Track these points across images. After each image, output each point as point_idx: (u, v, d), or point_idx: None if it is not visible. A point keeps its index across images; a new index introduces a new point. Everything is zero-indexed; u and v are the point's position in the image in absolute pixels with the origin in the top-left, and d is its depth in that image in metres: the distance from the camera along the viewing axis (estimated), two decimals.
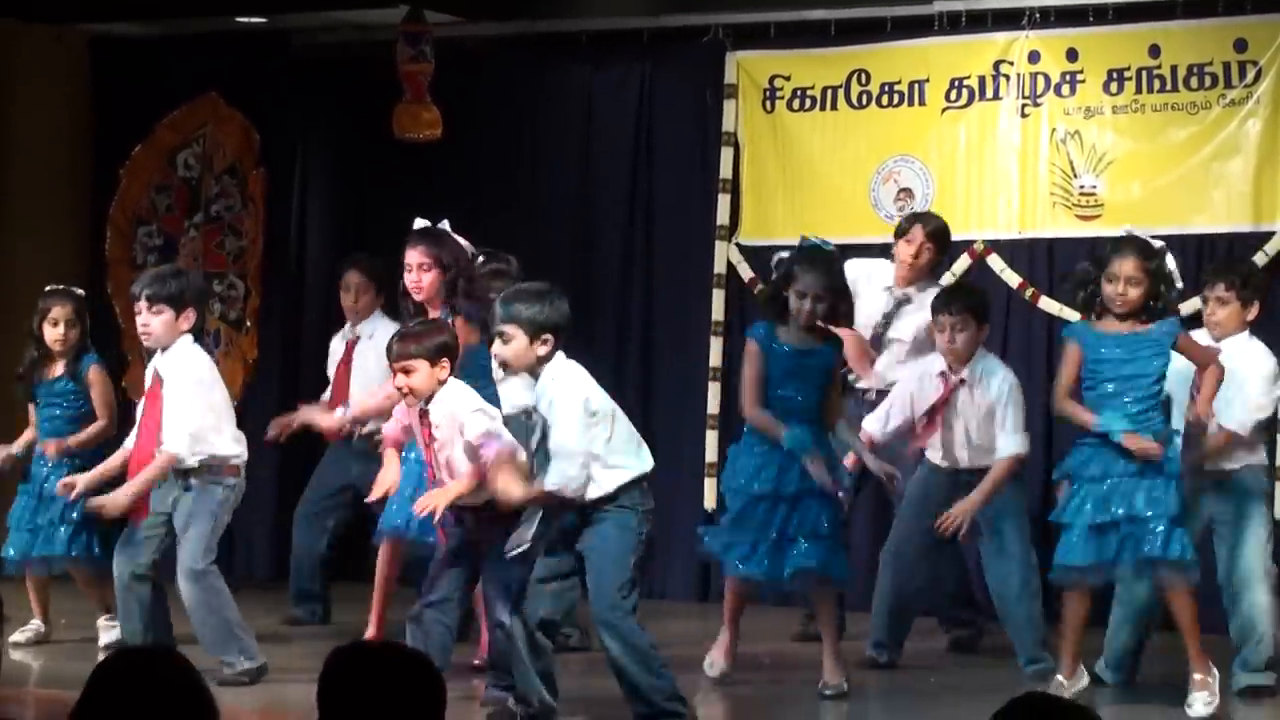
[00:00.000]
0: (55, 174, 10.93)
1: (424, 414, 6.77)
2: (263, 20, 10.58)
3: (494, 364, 6.97)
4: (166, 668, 3.22)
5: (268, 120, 10.74)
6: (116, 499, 7.21)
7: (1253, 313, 7.49)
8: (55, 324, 8.32)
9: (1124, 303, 6.98)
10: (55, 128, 10.92)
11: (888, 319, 8.41)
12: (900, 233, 8.54)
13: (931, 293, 8.28)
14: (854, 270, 8.18)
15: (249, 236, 10.75)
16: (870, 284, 8.39)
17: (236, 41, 10.73)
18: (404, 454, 7.37)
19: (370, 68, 10.13)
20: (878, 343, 8.37)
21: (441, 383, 6.74)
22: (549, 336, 6.41)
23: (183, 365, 7.25)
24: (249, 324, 10.74)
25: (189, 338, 7.31)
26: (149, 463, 7.20)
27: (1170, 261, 7.14)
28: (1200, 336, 7.39)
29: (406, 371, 6.73)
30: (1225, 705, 7.08)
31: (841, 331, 7.52)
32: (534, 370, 6.46)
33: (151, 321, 7.25)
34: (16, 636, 8.20)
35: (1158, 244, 7.16)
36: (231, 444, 7.30)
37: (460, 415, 6.67)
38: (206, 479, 7.22)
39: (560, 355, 6.46)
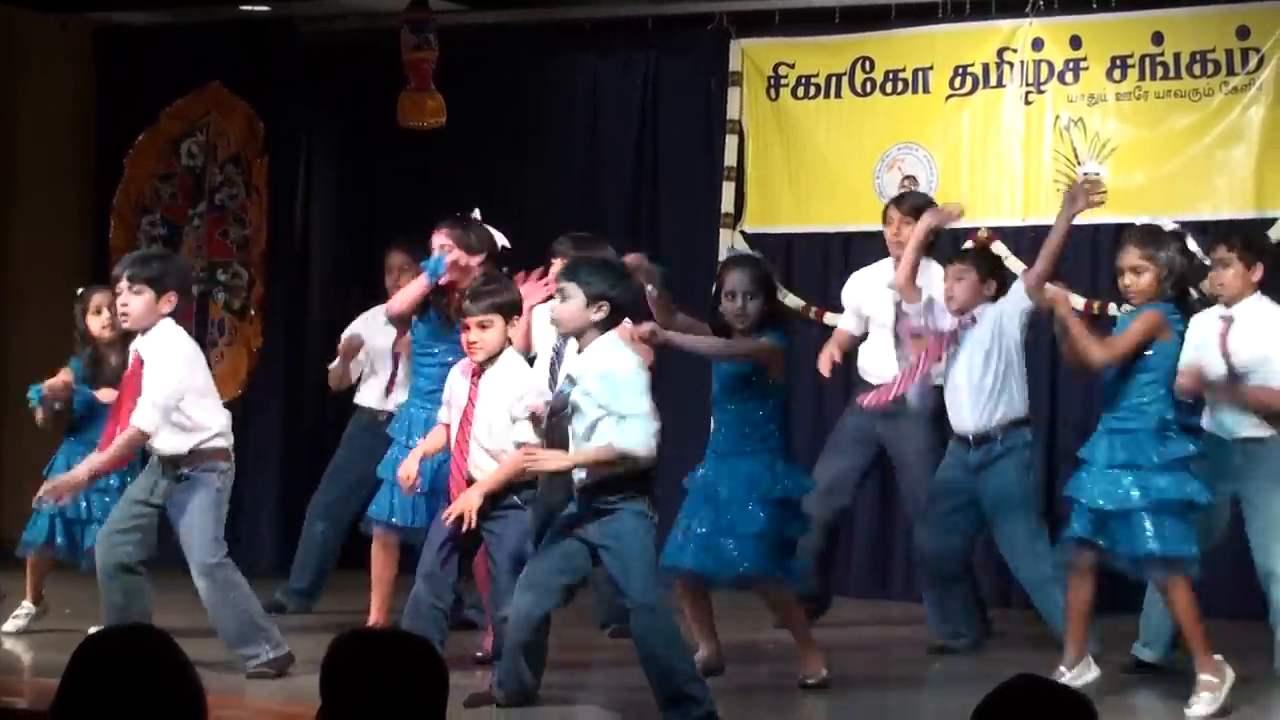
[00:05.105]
0: (60, 162, 10.96)
1: (476, 372, 6.72)
2: (267, 9, 10.60)
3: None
4: (146, 645, 3.18)
5: (272, 109, 10.75)
6: (74, 475, 7.02)
7: (1258, 273, 7.30)
8: (99, 311, 8.14)
9: (1135, 291, 6.91)
10: (60, 116, 10.96)
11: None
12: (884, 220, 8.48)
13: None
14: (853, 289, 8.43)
15: (253, 225, 10.75)
16: (872, 291, 8.40)
17: (241, 30, 10.74)
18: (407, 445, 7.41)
19: (374, 56, 10.14)
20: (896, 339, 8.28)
21: (505, 343, 6.74)
22: (605, 305, 6.36)
23: (163, 345, 6.99)
24: (253, 313, 10.74)
25: (170, 320, 7.04)
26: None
27: (1191, 243, 6.92)
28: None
29: (483, 326, 6.67)
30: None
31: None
32: (584, 335, 6.39)
33: (131, 301, 6.99)
34: (8, 625, 8.07)
35: (1169, 226, 6.94)
36: (220, 426, 7.08)
37: (523, 393, 6.70)
38: (199, 468, 7.01)
39: (613, 333, 6.41)
